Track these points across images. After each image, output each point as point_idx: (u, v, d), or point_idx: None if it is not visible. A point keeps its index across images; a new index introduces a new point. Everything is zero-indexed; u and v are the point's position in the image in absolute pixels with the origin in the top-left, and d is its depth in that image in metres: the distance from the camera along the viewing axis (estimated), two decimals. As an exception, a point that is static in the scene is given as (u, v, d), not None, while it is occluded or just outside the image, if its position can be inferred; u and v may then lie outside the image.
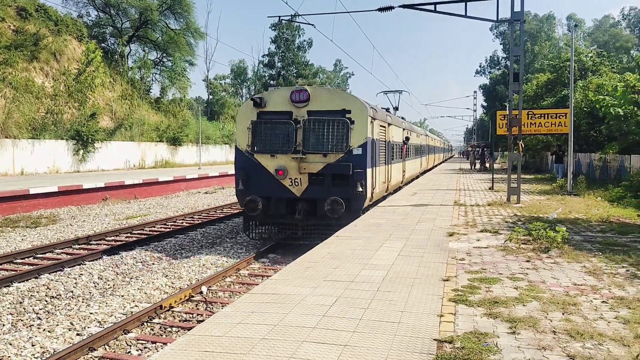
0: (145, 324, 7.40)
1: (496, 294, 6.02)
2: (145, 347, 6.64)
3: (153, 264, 11.38)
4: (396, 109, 24.27)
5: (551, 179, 26.18)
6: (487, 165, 39.21)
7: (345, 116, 12.68)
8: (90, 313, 7.86)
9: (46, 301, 8.53)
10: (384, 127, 15.96)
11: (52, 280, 9.59)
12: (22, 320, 7.63)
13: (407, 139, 21.72)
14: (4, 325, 7.44)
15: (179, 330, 7.23)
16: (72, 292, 9.07)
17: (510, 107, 16.45)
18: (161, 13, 47.01)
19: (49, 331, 7.13)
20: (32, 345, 6.65)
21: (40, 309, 8.14)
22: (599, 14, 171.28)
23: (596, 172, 23.72)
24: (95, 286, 9.53)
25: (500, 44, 76.26)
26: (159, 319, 7.64)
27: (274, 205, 12.89)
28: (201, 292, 8.79)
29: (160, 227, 15.80)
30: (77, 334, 7.09)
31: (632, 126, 19.39)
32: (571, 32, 21.69)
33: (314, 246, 9.61)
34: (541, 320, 5.13)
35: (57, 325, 7.34)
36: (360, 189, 12.63)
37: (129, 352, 6.52)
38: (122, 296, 8.78)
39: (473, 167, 41.57)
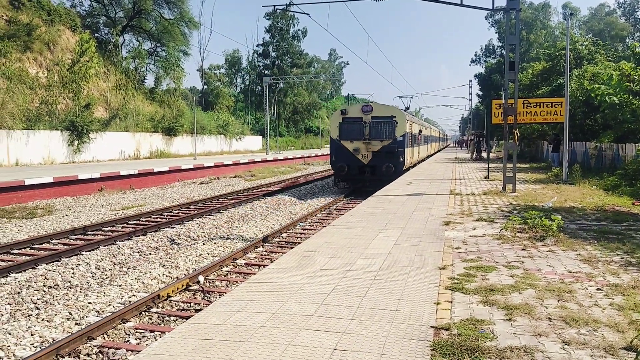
0: (143, 313, 7.44)
1: (492, 282, 6.07)
2: (143, 336, 6.68)
3: (150, 253, 11.40)
4: (408, 108, 32.46)
5: (546, 168, 26.26)
6: (483, 154, 39.22)
7: (393, 119, 21.91)
8: (89, 303, 7.88)
9: (44, 291, 8.54)
10: (411, 124, 24.98)
11: (49, 270, 9.60)
12: (20, 310, 7.66)
13: (420, 131, 31.04)
14: (2, 315, 7.46)
15: (177, 320, 7.26)
16: (69, 282, 9.08)
17: (506, 96, 16.48)
18: (155, 2, 46.69)
19: (47, 321, 7.15)
20: (31, 335, 6.67)
21: (38, 299, 8.16)
22: (594, 3, 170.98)
23: (591, 160, 23.78)
24: (92, 276, 9.55)
25: (496, 32, 76.17)
26: (157, 308, 7.67)
27: (351, 169, 21.88)
28: (198, 282, 8.82)
29: (157, 217, 15.80)
30: (76, 324, 7.12)
31: (627, 115, 19.40)
32: (567, 21, 21.67)
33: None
34: (537, 307, 5.18)
35: (56, 315, 7.37)
36: (402, 159, 22.06)
37: (128, 340, 6.55)
38: (120, 286, 8.81)
39: (473, 156, 41.13)
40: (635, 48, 18.14)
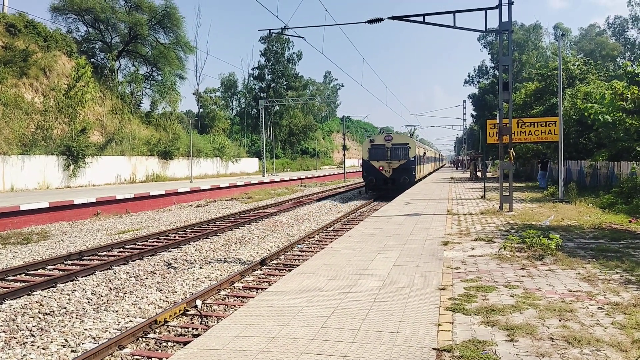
0: (140, 339, 7.34)
1: (493, 302, 6.04)
2: (141, 363, 6.58)
3: (147, 278, 11.31)
4: (412, 135, 43.08)
5: (542, 187, 26.33)
6: (479, 174, 39.35)
7: (407, 145, 30.70)
8: (85, 329, 7.78)
9: (39, 318, 8.43)
10: (419, 148, 33.67)
11: (45, 296, 9.49)
12: (15, 338, 7.54)
13: (424, 153, 40.56)
14: (-3, 343, 7.35)
15: (174, 345, 7.17)
16: (65, 308, 8.98)
17: (500, 116, 16.59)
18: (151, 28, 47.09)
19: (43, 348, 7.05)
20: (26, 363, 6.57)
21: (33, 326, 8.05)
22: (584, 23, 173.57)
23: (587, 179, 23.88)
24: (88, 302, 9.45)
25: (488, 53, 76.84)
26: (154, 333, 7.58)
27: (378, 181, 30.71)
28: (196, 306, 8.73)
29: (153, 241, 15.71)
30: (72, 351, 7.02)
31: (621, 133, 19.58)
32: (559, 41, 21.94)
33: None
34: (538, 327, 5.14)
35: (51, 342, 7.27)
36: (414, 174, 30.98)
37: (125, 368, 6.45)
38: (116, 311, 8.71)
39: (472, 176, 40.80)
40: (627, 67, 18.35)
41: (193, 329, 7.78)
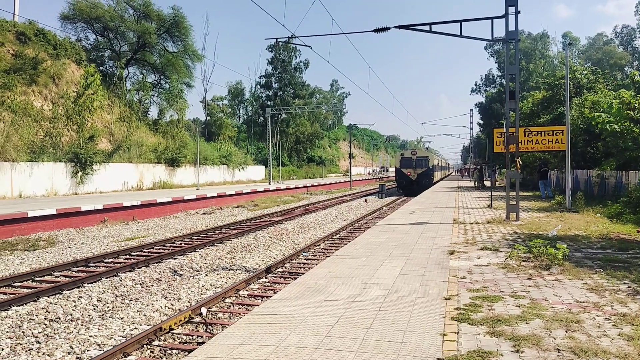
0: (145, 346, 7.34)
1: (498, 312, 6.00)
2: (145, 370, 6.57)
3: (152, 285, 11.32)
4: (427, 149, 56.11)
5: (548, 196, 26.20)
6: (487, 183, 39.28)
7: (427, 158, 43.52)
8: (90, 336, 7.80)
9: (45, 324, 8.46)
10: (435, 159, 47.32)
11: (51, 303, 9.52)
12: (21, 344, 7.56)
13: (438, 163, 51.76)
14: (2, 349, 7.36)
15: (179, 353, 7.17)
16: (71, 315, 9.00)
17: (507, 124, 16.55)
18: (159, 36, 47.47)
19: (48, 355, 7.06)
20: (32, 370, 6.57)
21: (39, 333, 8.07)
22: (592, 32, 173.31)
23: (594, 188, 23.74)
24: (94, 309, 9.47)
25: (495, 62, 76.84)
26: (159, 341, 7.57)
27: (406, 183, 42.59)
28: (201, 314, 8.73)
29: (159, 248, 15.74)
30: (77, 358, 7.02)
31: (629, 142, 19.48)
32: (566, 50, 21.90)
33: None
34: (545, 338, 5.10)
35: (57, 348, 7.28)
36: (432, 178, 44.07)
37: (130, 375, 6.44)
38: (122, 318, 8.72)
39: (478, 185, 40.91)
40: (634, 76, 18.30)
41: (198, 336, 7.77)
